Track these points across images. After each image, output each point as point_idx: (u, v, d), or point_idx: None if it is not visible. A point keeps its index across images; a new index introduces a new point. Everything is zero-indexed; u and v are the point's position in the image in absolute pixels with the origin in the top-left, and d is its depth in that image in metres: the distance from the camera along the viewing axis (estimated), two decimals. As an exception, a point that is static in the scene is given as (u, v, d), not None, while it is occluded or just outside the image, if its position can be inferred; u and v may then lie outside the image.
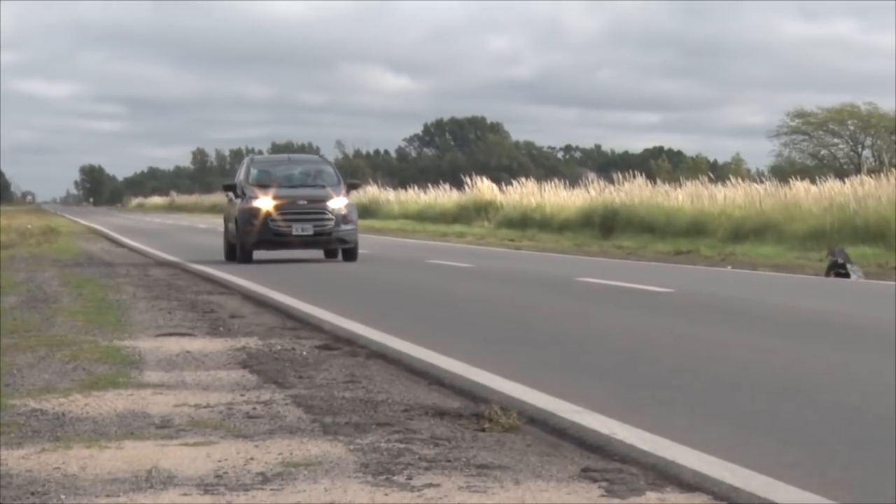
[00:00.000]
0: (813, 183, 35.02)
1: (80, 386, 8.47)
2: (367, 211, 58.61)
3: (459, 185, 58.73)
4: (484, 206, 52.45)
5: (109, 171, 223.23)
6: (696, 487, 5.43)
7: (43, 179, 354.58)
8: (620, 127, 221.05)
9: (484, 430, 6.89)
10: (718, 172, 55.71)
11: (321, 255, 26.50)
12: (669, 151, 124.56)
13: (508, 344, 10.94)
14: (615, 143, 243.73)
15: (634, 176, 43.06)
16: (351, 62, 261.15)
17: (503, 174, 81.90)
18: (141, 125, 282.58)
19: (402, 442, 6.52)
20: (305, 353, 10.33)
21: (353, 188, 27.17)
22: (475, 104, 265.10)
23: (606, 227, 39.96)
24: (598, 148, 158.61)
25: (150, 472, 5.81)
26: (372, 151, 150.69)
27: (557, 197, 48.15)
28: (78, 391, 8.22)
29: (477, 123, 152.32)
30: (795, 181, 35.80)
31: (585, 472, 5.81)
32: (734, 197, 36.57)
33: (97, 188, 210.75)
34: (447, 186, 61.85)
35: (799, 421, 6.90)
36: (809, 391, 8.01)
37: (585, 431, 6.62)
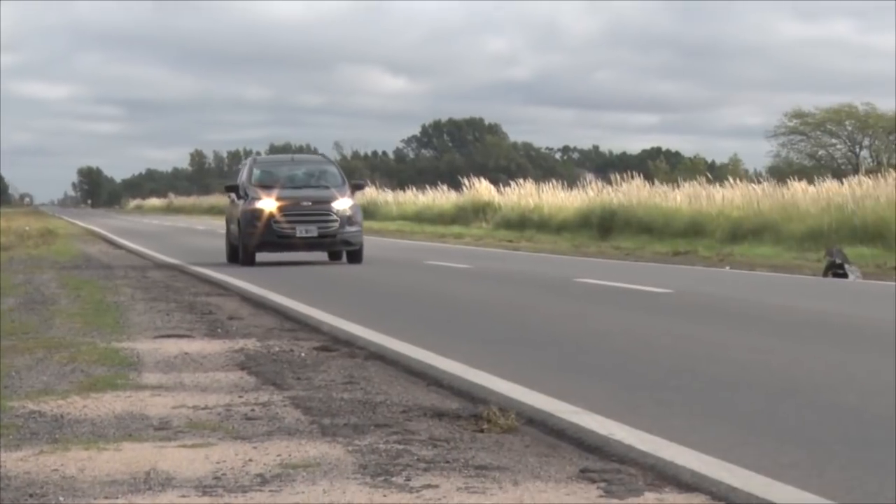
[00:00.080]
0: (811, 183, 35.03)
1: (78, 388, 8.46)
2: (365, 212, 58.29)
3: (457, 186, 58.74)
4: (482, 207, 52.45)
5: (107, 172, 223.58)
6: (694, 488, 5.44)
7: (41, 181, 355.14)
8: (618, 128, 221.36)
9: (482, 430, 6.89)
10: (716, 173, 55.72)
11: (325, 257, 26.17)
12: (667, 152, 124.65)
13: (507, 345, 10.94)
14: (613, 143, 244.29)
15: (632, 177, 43.08)
16: (349, 63, 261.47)
17: (501, 175, 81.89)
18: (139, 127, 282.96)
19: (400, 443, 6.52)
20: (304, 354, 10.33)
21: (357, 189, 26.77)
22: (473, 105, 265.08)
23: (604, 227, 39.97)
24: (596, 149, 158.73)
25: (148, 473, 5.81)
26: (370, 153, 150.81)
27: (555, 198, 48.15)
28: (76, 393, 8.22)
29: (475, 124, 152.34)
30: (793, 182, 35.80)
31: (584, 472, 5.81)
32: (732, 197, 36.57)
33: (95, 190, 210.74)
34: (445, 187, 61.86)
35: (797, 421, 6.90)
36: (808, 391, 8.01)
37: (584, 432, 6.62)
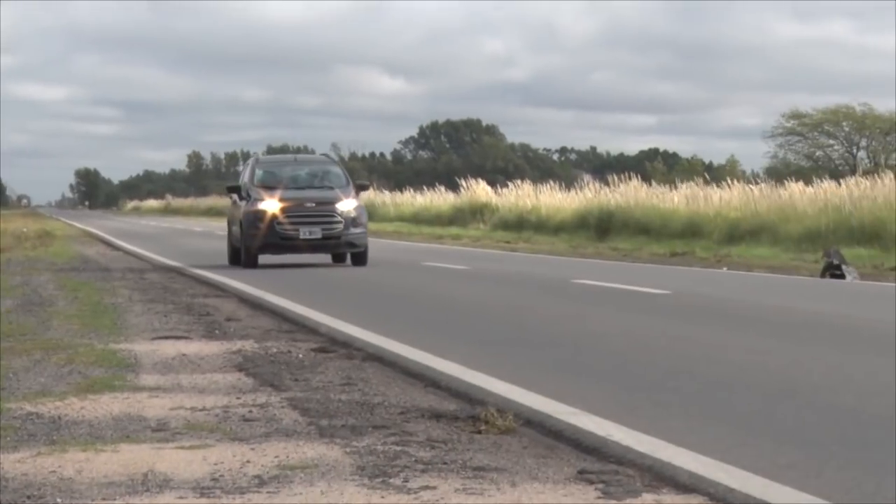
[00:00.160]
0: (808, 184, 35.03)
1: (75, 389, 8.46)
2: (362, 213, 58.47)
3: (455, 187, 58.73)
4: (479, 208, 52.45)
5: (105, 174, 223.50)
6: (692, 489, 5.44)
7: (38, 183, 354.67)
8: (616, 129, 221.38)
9: (480, 432, 6.89)
10: (714, 174, 55.73)
11: (329, 259, 25.76)
12: (665, 153, 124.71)
13: (504, 346, 10.94)
14: (611, 145, 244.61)
15: (630, 178, 43.09)
16: (346, 65, 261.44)
17: (499, 176, 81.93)
18: (136, 128, 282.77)
19: (398, 444, 6.52)
20: (301, 355, 10.33)
21: (362, 189, 26.18)
22: (470, 106, 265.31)
23: (602, 228, 39.98)
24: (593, 150, 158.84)
25: (146, 475, 5.81)
26: (367, 154, 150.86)
27: (553, 199, 48.16)
28: (74, 394, 8.22)
29: (472, 126, 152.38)
30: (790, 183, 35.82)
31: (582, 473, 5.81)
32: (729, 199, 36.57)
33: (93, 191, 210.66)
34: (443, 189, 61.87)
35: (795, 422, 6.91)
36: (805, 392, 8.01)
37: (582, 433, 6.62)
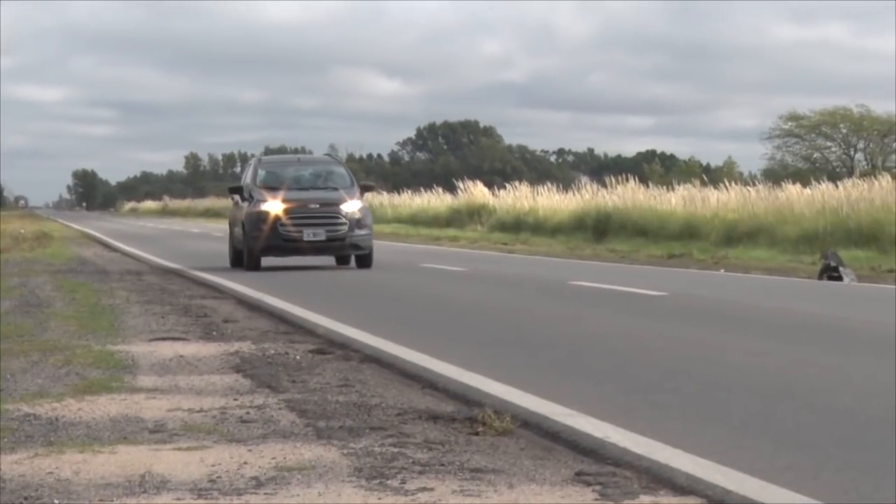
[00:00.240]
0: (806, 186, 35.06)
1: (73, 390, 8.46)
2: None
3: (452, 188, 58.77)
4: (477, 209, 52.47)
5: (102, 175, 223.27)
6: (689, 490, 5.44)
7: (36, 184, 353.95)
8: (613, 130, 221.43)
9: (477, 433, 6.89)
10: (711, 176, 55.77)
11: (332, 261, 25.41)
12: (662, 155, 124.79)
13: (502, 347, 10.94)
14: (608, 146, 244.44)
15: (627, 180, 43.12)
16: (344, 66, 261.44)
17: (496, 178, 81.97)
18: (134, 129, 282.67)
19: (395, 446, 6.52)
20: (299, 357, 10.33)
21: (367, 190, 25.83)
22: (468, 108, 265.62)
23: (599, 230, 40.00)
24: (590, 151, 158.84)
25: (143, 476, 5.81)
26: (365, 155, 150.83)
27: (550, 200, 48.17)
28: (71, 396, 8.22)
29: (470, 127, 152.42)
30: (788, 184, 35.85)
31: (579, 475, 5.81)
32: (727, 200, 36.60)
33: (90, 193, 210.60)
34: (440, 190, 61.90)
35: (792, 424, 6.91)
36: (803, 394, 8.02)
37: (579, 435, 6.62)
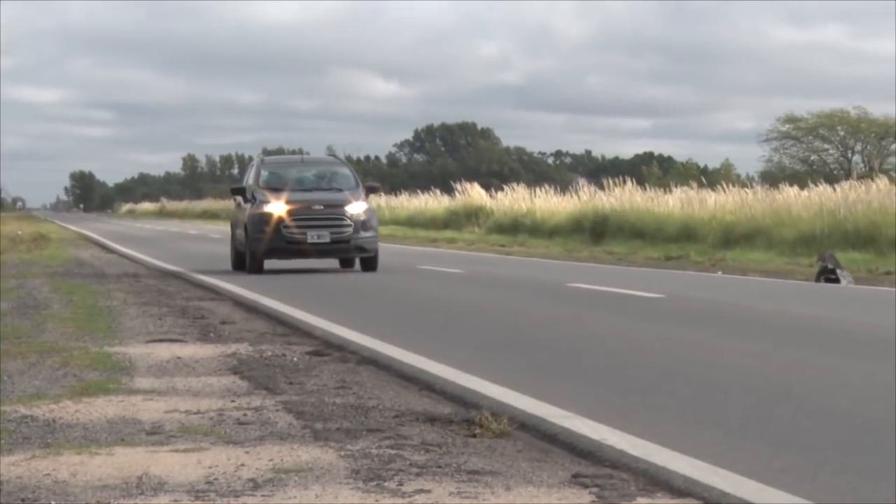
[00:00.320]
0: (803, 188, 35.10)
1: (70, 392, 8.46)
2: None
3: (450, 190, 58.80)
4: (474, 211, 52.50)
5: (100, 177, 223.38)
6: (686, 493, 5.44)
7: (33, 185, 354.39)
8: (611, 133, 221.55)
9: (475, 435, 6.89)
10: (709, 178, 55.82)
11: (336, 264, 24.95)
12: (660, 157, 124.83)
13: (499, 349, 10.94)
14: (605, 148, 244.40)
15: (624, 181, 43.12)
16: (341, 68, 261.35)
17: (493, 180, 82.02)
18: (131, 131, 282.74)
19: (392, 448, 6.52)
20: (296, 358, 10.32)
21: (372, 191, 25.11)
22: (465, 110, 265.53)
23: (597, 232, 40.01)
24: (588, 153, 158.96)
25: (140, 478, 5.80)
26: (362, 157, 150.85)
27: (548, 202, 48.21)
28: (68, 397, 8.21)
29: (467, 129, 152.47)
30: (785, 186, 35.87)
31: (576, 477, 5.81)
32: (724, 202, 36.62)
33: (87, 194, 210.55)
34: (438, 192, 61.93)
35: (790, 426, 6.91)
36: (800, 396, 8.02)
37: (576, 437, 6.62)
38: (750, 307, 15.34)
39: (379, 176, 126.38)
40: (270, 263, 23.75)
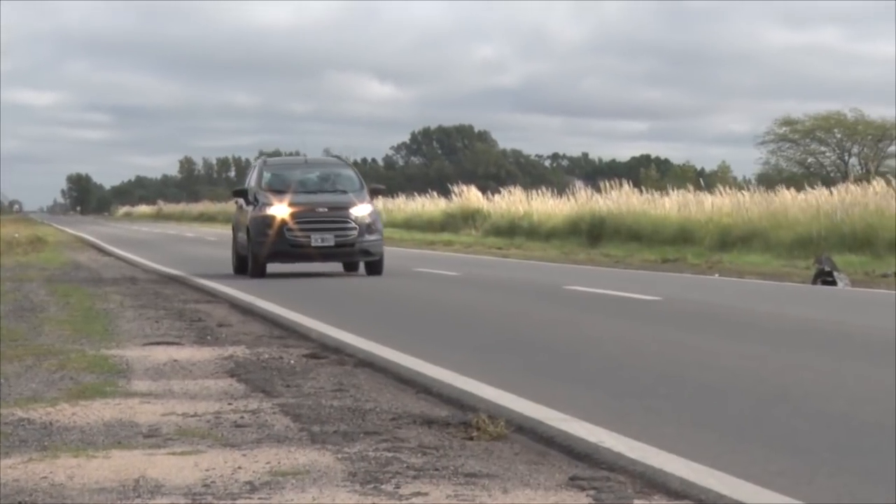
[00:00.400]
0: (800, 191, 35.12)
1: (67, 395, 8.45)
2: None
3: (447, 193, 58.81)
4: (471, 214, 52.50)
5: (97, 179, 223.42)
6: (683, 495, 5.44)
7: (30, 188, 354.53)
8: (607, 135, 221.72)
9: (472, 438, 6.89)
10: (706, 180, 55.84)
11: (340, 268, 24.49)
12: (657, 160, 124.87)
13: (496, 352, 10.94)
14: (602, 151, 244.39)
15: (621, 184, 43.14)
16: (337, 70, 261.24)
17: (490, 182, 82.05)
18: (128, 134, 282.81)
19: (389, 450, 6.52)
20: (293, 361, 10.32)
21: (377, 193, 24.78)
22: (462, 112, 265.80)
23: (593, 235, 40.02)
24: (585, 156, 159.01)
25: (137, 481, 5.80)
26: (359, 160, 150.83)
27: (545, 205, 48.22)
28: (65, 400, 8.21)
29: (464, 131, 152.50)
30: (782, 189, 35.89)
31: (573, 480, 5.81)
32: (721, 205, 36.64)
33: (84, 197, 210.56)
34: (434, 195, 61.94)
35: (786, 428, 6.91)
36: (797, 398, 8.02)
37: (573, 440, 6.62)
38: (747, 310, 15.35)
39: (375, 178, 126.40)
40: (273, 267, 23.45)
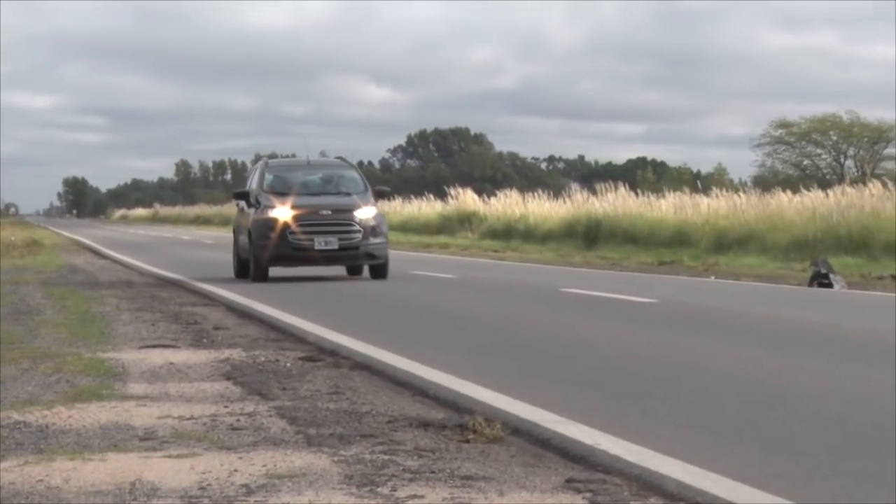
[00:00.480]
0: (796, 193, 35.13)
1: (63, 398, 8.45)
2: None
3: (443, 195, 58.79)
4: (467, 216, 52.49)
5: (93, 182, 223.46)
6: (679, 498, 5.44)
7: (26, 191, 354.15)
8: (604, 138, 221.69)
9: (468, 441, 6.89)
10: (702, 183, 55.86)
11: (343, 271, 24.18)
12: (653, 162, 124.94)
13: (492, 354, 10.94)
14: (599, 153, 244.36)
15: (617, 187, 43.15)
16: (334, 73, 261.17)
17: (487, 185, 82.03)
18: (124, 137, 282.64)
19: (386, 453, 6.52)
20: (289, 364, 10.32)
21: (381, 196, 24.34)
22: (458, 115, 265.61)
23: (590, 237, 40.02)
24: (581, 158, 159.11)
25: (133, 484, 5.80)
26: (356, 162, 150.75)
27: (541, 208, 48.22)
28: (61, 403, 8.21)
29: (460, 134, 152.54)
30: (778, 191, 35.91)
31: (569, 482, 5.81)
32: (717, 207, 36.65)
33: (81, 200, 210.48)
34: (431, 197, 61.93)
35: (783, 431, 6.91)
36: (793, 401, 8.03)
37: (569, 442, 6.62)
38: (743, 312, 15.35)
39: (372, 181, 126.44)
40: (275, 271, 23.10)
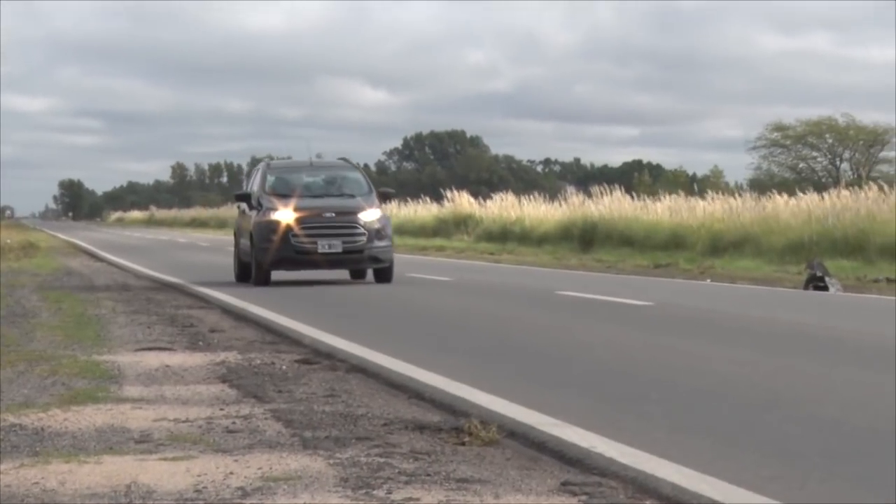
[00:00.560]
0: (791, 196, 35.15)
1: (59, 401, 8.44)
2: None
3: (439, 198, 58.80)
4: (463, 219, 52.50)
5: (88, 185, 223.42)
6: (675, 500, 5.44)
7: (22, 194, 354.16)
8: (599, 141, 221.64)
9: (464, 443, 6.89)
10: (698, 185, 55.87)
11: (347, 275, 23.78)
12: (649, 165, 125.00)
13: (488, 357, 10.94)
14: (594, 156, 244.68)
15: (613, 189, 43.17)
16: (329, 75, 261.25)
17: (483, 188, 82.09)
18: (119, 139, 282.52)
19: (381, 456, 6.52)
20: (285, 367, 10.32)
21: (386, 198, 23.62)
22: (454, 118, 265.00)
23: (585, 240, 40.02)
24: (577, 161, 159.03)
25: (129, 486, 5.80)
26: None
27: (537, 210, 48.23)
28: (57, 406, 8.20)
29: (456, 137, 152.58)
30: (774, 194, 35.93)
31: (565, 485, 5.81)
32: (713, 210, 36.66)
33: (76, 203, 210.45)
34: (427, 200, 61.95)
35: (778, 433, 6.92)
36: (788, 404, 8.03)
37: (565, 445, 6.62)
38: (739, 315, 15.36)
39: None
40: (277, 274, 22.68)
